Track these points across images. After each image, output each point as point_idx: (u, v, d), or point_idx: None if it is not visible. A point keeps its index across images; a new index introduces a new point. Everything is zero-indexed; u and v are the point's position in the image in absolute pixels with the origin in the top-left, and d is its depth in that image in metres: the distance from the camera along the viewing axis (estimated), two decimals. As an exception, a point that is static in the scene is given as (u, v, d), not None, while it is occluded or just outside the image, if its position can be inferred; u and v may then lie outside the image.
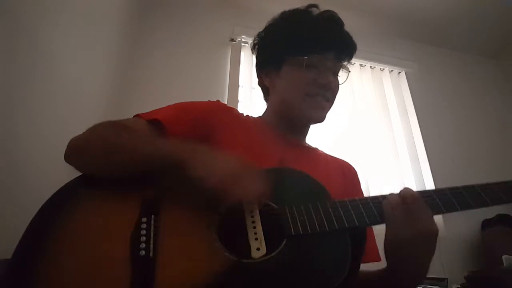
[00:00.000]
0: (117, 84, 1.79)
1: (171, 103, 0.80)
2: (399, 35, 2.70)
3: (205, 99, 0.85)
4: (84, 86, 1.34)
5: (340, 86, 0.89)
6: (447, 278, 1.57)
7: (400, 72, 2.59)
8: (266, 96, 0.94)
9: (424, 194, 0.59)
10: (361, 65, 2.48)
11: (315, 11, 0.85)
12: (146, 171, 0.58)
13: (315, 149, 0.93)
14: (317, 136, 2.05)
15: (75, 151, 0.62)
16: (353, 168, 0.94)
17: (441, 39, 2.76)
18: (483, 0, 2.39)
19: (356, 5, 2.42)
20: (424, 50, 2.77)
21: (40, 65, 0.98)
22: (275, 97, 0.88)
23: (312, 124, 0.88)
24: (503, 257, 1.46)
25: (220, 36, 2.23)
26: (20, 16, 0.86)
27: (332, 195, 0.61)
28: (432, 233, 0.55)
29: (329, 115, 0.90)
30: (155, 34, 2.12)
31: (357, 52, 0.93)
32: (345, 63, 0.89)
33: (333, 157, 0.94)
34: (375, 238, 0.81)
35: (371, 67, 2.51)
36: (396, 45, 2.68)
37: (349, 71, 0.90)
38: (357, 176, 0.93)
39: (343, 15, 0.89)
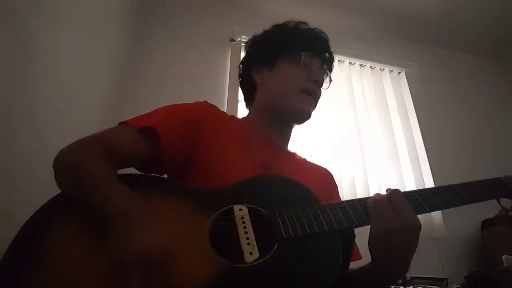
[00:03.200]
0: (118, 85, 1.79)
1: (171, 103, 0.81)
2: (399, 35, 2.71)
3: (205, 99, 0.85)
4: (85, 86, 1.34)
5: (340, 87, 0.91)
6: (447, 278, 1.57)
7: (400, 72, 2.59)
8: (251, 96, 0.96)
9: (407, 194, 0.63)
10: (361, 65, 2.48)
11: (306, 26, 0.94)
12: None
13: (295, 155, 0.95)
14: (317, 136, 2.07)
15: (57, 167, 0.60)
16: (330, 174, 0.96)
17: (441, 39, 2.76)
18: (483, 0, 2.39)
19: (356, 6, 2.41)
20: (424, 50, 2.77)
21: (41, 65, 0.98)
22: (264, 92, 0.91)
23: (298, 119, 0.88)
24: (503, 257, 1.46)
25: (220, 36, 2.23)
26: (20, 16, 0.86)
27: None
28: (416, 228, 0.57)
29: (329, 115, 0.91)
30: (155, 34, 2.12)
31: (357, 52, 0.98)
32: (328, 71, 0.95)
33: (311, 163, 0.96)
34: (358, 236, 0.83)
35: (371, 67, 2.51)
36: (396, 45, 2.68)
37: (331, 81, 0.96)
38: (334, 181, 0.96)
39: (343, 15, 0.91)
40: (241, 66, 1.00)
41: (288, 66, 0.87)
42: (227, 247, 0.52)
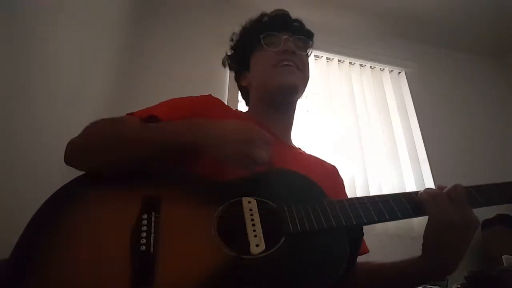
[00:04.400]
0: (118, 84, 1.79)
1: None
2: (399, 35, 2.70)
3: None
4: (85, 86, 1.34)
5: (340, 87, 0.91)
6: (447, 278, 1.57)
7: (400, 72, 2.59)
8: (248, 101, 1.00)
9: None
10: (361, 65, 2.48)
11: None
12: (154, 158, 0.61)
13: (298, 149, 0.95)
14: (318, 136, 2.07)
15: (77, 151, 0.62)
16: (336, 169, 0.96)
17: (441, 39, 2.76)
18: (484, 0, 2.39)
19: (356, 6, 2.42)
20: (424, 50, 2.77)
21: (41, 65, 0.98)
22: (253, 90, 0.94)
23: (285, 92, 0.87)
24: (503, 257, 1.46)
25: (220, 36, 2.23)
26: (20, 16, 0.86)
27: None
28: (477, 222, 0.59)
29: (329, 115, 0.91)
30: (155, 34, 2.12)
31: (357, 52, 0.98)
32: (299, 38, 0.93)
33: (315, 157, 0.96)
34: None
35: (371, 67, 2.51)
36: (396, 45, 2.68)
37: (309, 46, 0.96)
38: (340, 177, 0.96)
39: (343, 15, 0.91)
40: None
41: (257, 56, 0.91)
42: (234, 238, 0.52)
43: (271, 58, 0.86)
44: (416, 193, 0.64)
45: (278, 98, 0.88)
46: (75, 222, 0.52)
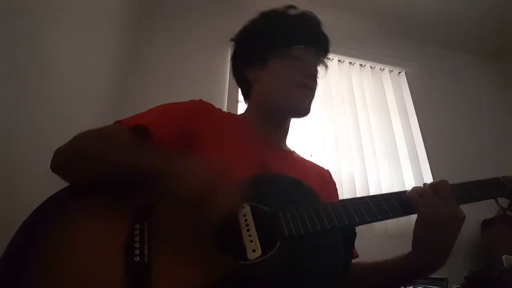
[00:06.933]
0: (117, 85, 1.79)
1: (171, 102, 0.80)
2: (399, 35, 2.70)
3: (205, 99, 0.85)
4: (84, 86, 1.34)
5: (340, 87, 0.90)
6: (447, 278, 1.57)
7: (400, 72, 2.59)
8: (247, 94, 0.94)
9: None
10: (361, 65, 2.48)
11: (294, 11, 0.89)
12: (130, 179, 0.57)
13: (293, 153, 0.94)
14: (317, 136, 2.07)
15: (61, 162, 0.61)
16: (329, 173, 0.96)
17: (441, 39, 2.76)
18: (484, 0, 2.39)
19: (356, 5, 2.41)
20: (424, 50, 2.77)
21: (41, 65, 0.98)
22: (259, 91, 0.88)
23: (298, 115, 0.86)
24: (503, 257, 1.46)
25: (220, 36, 2.23)
26: (20, 16, 0.86)
27: None
28: (462, 217, 0.61)
29: (329, 115, 0.91)
30: (155, 34, 2.12)
31: (357, 52, 0.97)
32: (323, 59, 0.91)
33: (310, 161, 0.96)
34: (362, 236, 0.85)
35: (371, 67, 2.51)
36: (396, 45, 2.68)
37: (327, 67, 0.92)
38: (333, 180, 0.95)
39: (343, 15, 0.90)
40: (231, 62, 0.99)
41: (281, 62, 0.83)
42: (229, 244, 0.52)
43: (296, 76, 0.82)
44: (405, 192, 0.66)
45: (286, 116, 0.88)
46: (64, 236, 0.50)
